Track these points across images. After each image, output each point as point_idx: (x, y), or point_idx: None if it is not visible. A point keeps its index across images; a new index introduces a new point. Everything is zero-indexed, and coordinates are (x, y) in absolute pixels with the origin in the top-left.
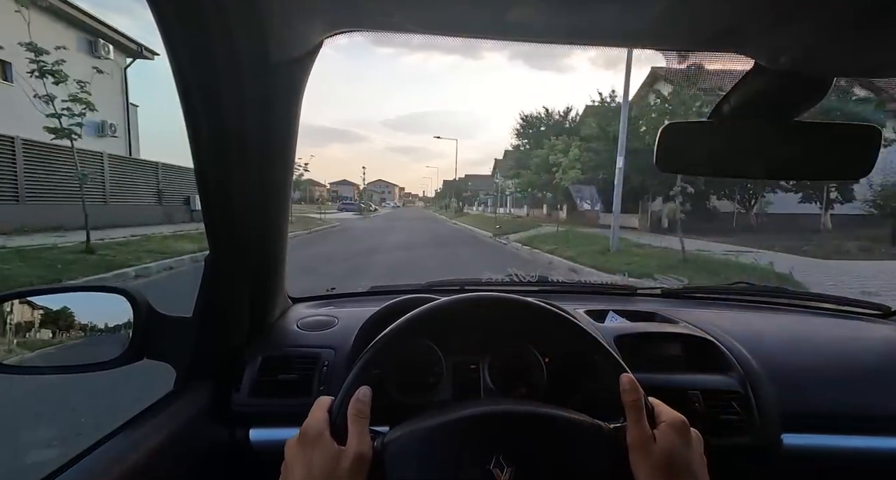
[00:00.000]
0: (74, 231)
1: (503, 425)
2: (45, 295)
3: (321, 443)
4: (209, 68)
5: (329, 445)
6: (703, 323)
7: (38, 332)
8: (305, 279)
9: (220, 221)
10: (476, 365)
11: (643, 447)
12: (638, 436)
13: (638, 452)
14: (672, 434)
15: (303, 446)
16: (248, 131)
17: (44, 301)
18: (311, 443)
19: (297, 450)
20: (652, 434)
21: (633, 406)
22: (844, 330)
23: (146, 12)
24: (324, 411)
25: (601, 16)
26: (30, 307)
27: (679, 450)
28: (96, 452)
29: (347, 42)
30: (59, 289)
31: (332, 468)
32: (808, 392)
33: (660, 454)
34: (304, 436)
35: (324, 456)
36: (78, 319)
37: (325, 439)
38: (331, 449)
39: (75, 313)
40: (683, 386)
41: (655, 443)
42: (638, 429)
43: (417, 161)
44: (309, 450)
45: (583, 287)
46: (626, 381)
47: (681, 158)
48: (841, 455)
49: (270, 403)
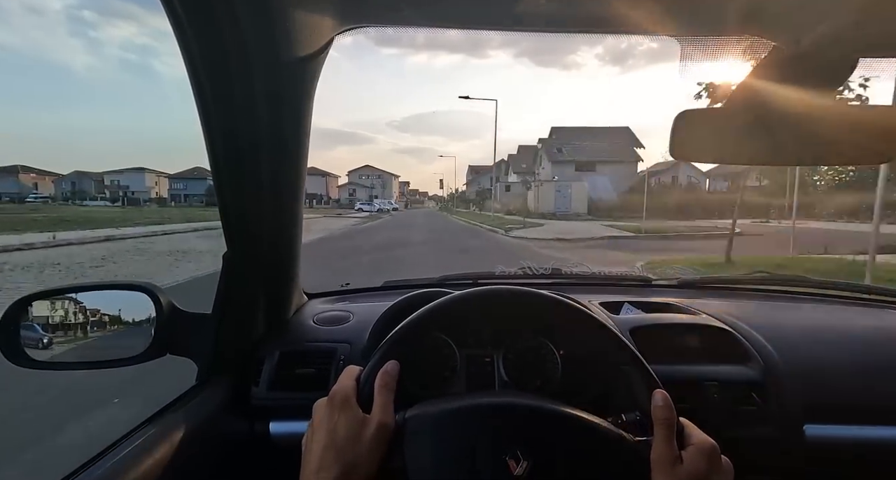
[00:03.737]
0: None
1: (527, 420)
2: (72, 293)
3: (348, 408)
4: (221, 66)
5: (355, 411)
6: (721, 313)
7: (66, 329)
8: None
9: (236, 220)
10: (490, 358)
11: (668, 467)
12: (664, 454)
13: (661, 471)
14: (700, 459)
15: (330, 409)
16: (261, 129)
17: (72, 299)
18: (338, 407)
19: (325, 413)
20: (679, 456)
21: (664, 423)
22: (868, 318)
23: (152, 19)
24: (352, 379)
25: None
26: (58, 305)
27: (705, 476)
28: (123, 445)
29: (352, 44)
30: (85, 287)
31: (357, 432)
32: (830, 382)
33: (684, 476)
34: (332, 400)
35: (349, 421)
36: (104, 316)
37: (351, 404)
38: (356, 415)
39: (101, 310)
40: (701, 377)
41: (682, 465)
42: (665, 448)
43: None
44: (335, 414)
45: (597, 278)
46: (659, 398)
47: (696, 146)
48: (865, 445)
49: (289, 397)
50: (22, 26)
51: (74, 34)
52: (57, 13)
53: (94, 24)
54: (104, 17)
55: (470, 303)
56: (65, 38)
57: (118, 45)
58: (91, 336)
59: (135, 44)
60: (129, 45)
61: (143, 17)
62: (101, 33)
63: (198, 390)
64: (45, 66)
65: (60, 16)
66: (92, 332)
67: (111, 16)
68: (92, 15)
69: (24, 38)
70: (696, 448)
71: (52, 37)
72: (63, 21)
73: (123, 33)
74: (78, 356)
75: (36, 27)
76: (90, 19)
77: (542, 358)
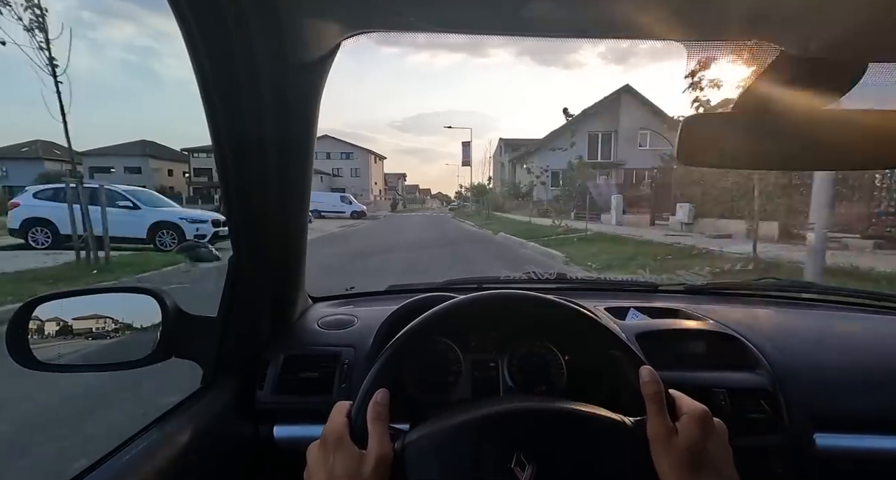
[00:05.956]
0: None
1: (522, 422)
2: (79, 297)
3: (342, 447)
4: (229, 71)
5: (350, 449)
6: (729, 319)
7: (73, 332)
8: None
9: (243, 224)
10: (495, 362)
11: (665, 440)
12: (659, 429)
13: (659, 445)
14: (694, 426)
15: (324, 451)
16: (268, 134)
17: (78, 302)
18: (332, 448)
19: (319, 456)
20: (673, 427)
21: (654, 398)
22: (878, 325)
23: (151, 19)
24: (343, 415)
25: (620, 7)
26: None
27: (702, 442)
28: (128, 448)
29: (353, 44)
30: (92, 290)
31: (355, 471)
32: (841, 390)
33: (682, 446)
34: (324, 441)
35: (345, 460)
36: (110, 320)
37: (345, 443)
38: (352, 453)
39: (108, 314)
40: (709, 384)
41: (677, 436)
42: (659, 422)
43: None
44: (330, 455)
45: (602, 284)
46: (645, 373)
47: (705, 152)
48: (877, 456)
49: (293, 400)
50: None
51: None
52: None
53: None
54: (104, 19)
55: (474, 308)
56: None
57: (119, 46)
58: (97, 338)
59: (135, 45)
60: (130, 47)
61: (144, 18)
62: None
63: (202, 393)
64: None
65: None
66: (98, 335)
67: (109, 16)
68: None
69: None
70: (688, 417)
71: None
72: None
73: (123, 34)
74: (84, 358)
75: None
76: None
77: (547, 362)
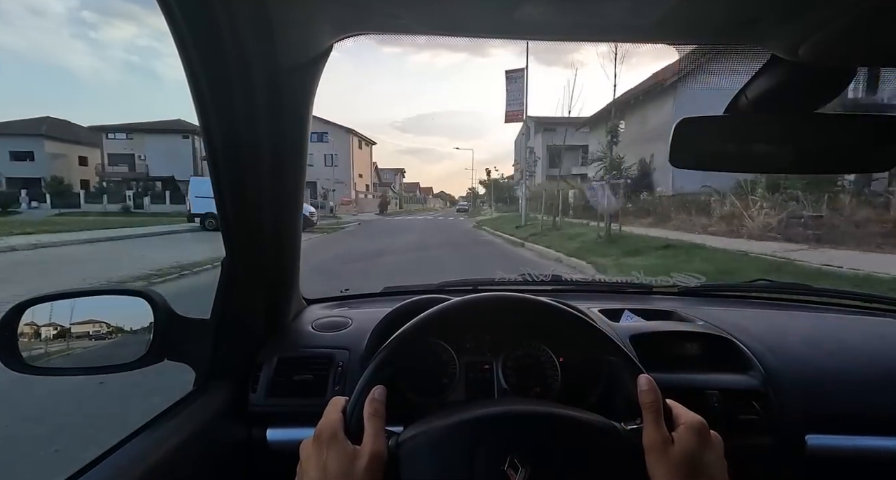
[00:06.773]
0: None
1: (517, 425)
2: (70, 299)
3: (336, 443)
4: (221, 73)
5: (344, 445)
6: (722, 321)
7: (63, 335)
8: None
9: (235, 225)
10: (489, 365)
11: (660, 449)
12: (655, 438)
13: (655, 454)
14: (690, 437)
15: (318, 446)
16: (260, 135)
17: (69, 304)
18: (325, 443)
19: (312, 451)
20: (670, 437)
21: (651, 407)
22: (870, 326)
23: (152, 19)
24: (338, 411)
25: (613, 11)
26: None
27: (698, 453)
28: (119, 451)
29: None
30: (83, 293)
31: (348, 468)
32: (833, 391)
33: (678, 456)
34: (318, 437)
35: (339, 456)
36: (102, 322)
37: (339, 439)
38: (346, 449)
39: (99, 316)
40: (701, 386)
41: (673, 446)
42: (655, 431)
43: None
44: (324, 451)
45: (597, 285)
46: (643, 382)
47: (696, 153)
48: (868, 456)
49: (287, 403)
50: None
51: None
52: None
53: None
54: (104, 19)
55: (469, 310)
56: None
57: (120, 46)
58: (89, 341)
59: (137, 45)
60: (131, 47)
61: (144, 19)
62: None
63: (195, 396)
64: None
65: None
66: (90, 337)
67: (110, 16)
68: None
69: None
70: (685, 427)
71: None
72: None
73: (124, 34)
74: (75, 361)
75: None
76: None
77: (542, 364)
